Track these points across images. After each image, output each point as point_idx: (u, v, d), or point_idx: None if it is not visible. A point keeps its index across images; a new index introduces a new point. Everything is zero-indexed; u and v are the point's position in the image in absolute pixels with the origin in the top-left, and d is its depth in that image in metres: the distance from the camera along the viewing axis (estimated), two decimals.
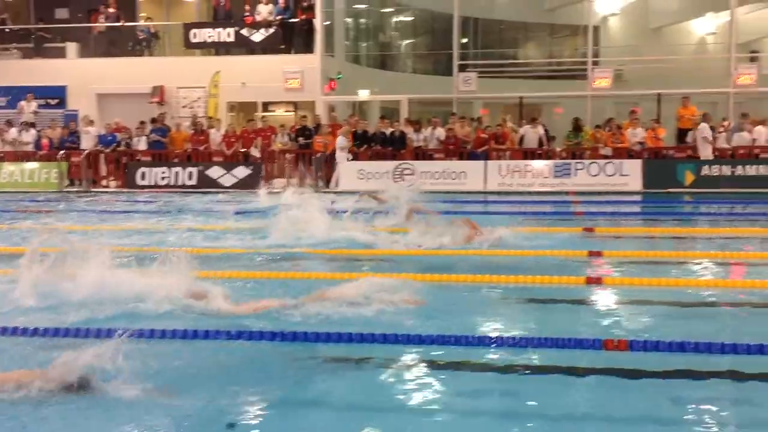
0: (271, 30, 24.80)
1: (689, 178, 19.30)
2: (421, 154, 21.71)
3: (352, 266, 9.03)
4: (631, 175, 19.70)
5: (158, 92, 24.93)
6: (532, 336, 5.87)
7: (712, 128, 20.46)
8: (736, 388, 4.97)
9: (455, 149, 21.73)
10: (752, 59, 30.24)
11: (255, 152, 22.07)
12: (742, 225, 13.66)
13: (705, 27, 34.81)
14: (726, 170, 19.24)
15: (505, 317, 6.78)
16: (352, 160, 21.09)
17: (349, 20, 29.90)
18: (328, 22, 26.08)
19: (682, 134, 21.78)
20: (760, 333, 5.87)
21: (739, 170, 19.18)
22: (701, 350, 5.36)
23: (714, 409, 4.52)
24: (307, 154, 21.82)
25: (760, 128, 20.77)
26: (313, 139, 21.87)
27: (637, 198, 18.70)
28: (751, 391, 4.87)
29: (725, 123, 21.50)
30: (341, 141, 20.80)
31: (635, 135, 21.05)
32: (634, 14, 33.88)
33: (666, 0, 32.87)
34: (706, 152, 19.98)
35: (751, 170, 19.11)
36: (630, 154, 20.69)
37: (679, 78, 26.28)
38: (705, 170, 19.34)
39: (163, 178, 21.61)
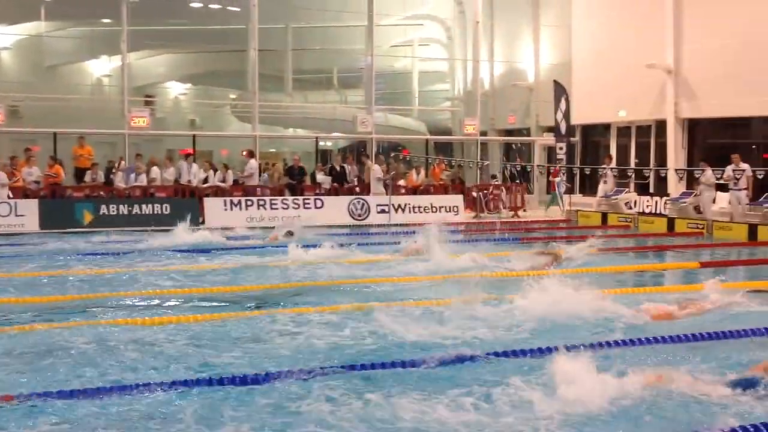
0: None
1: (88, 217, 19.26)
2: None
3: None
4: (27, 215, 18.86)
5: None
6: None
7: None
8: None
9: None
10: (147, 103, 31.87)
11: None
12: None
13: (101, 69, 35.60)
14: (123, 209, 19.67)
15: None
16: None
17: None
18: None
19: (80, 173, 21.69)
20: None
21: (136, 209, 19.77)
22: None
23: None
24: None
25: (155, 168, 21.72)
26: None
27: (37, 240, 17.60)
28: None
29: (121, 163, 21.99)
30: None
31: (31, 174, 20.31)
32: (28, 51, 33.03)
33: (60, 39, 32.65)
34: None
35: (147, 208, 19.85)
36: (26, 193, 19.85)
37: (76, 117, 26.26)
38: (103, 209, 19.49)
39: None
